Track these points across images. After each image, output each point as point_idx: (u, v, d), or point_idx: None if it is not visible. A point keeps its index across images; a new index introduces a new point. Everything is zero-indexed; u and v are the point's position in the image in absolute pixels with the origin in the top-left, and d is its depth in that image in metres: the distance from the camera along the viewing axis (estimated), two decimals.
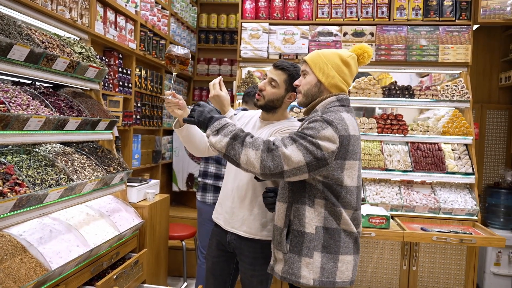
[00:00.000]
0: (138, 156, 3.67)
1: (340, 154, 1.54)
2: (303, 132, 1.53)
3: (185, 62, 1.84)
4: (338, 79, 1.67)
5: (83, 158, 2.35)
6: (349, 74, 1.70)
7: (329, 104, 1.66)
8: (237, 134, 1.56)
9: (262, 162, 1.49)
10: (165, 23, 4.07)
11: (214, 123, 1.60)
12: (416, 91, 3.68)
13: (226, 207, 2.06)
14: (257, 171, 1.52)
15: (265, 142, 1.54)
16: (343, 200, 1.59)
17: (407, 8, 3.79)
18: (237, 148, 1.53)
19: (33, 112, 1.89)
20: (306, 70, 1.73)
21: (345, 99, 1.69)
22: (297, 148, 1.50)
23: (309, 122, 1.57)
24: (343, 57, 1.68)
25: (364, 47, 1.74)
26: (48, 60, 2.10)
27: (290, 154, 1.49)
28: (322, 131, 1.51)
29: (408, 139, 3.64)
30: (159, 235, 3.01)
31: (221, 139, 1.56)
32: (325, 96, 1.69)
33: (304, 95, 1.73)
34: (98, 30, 2.82)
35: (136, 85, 3.60)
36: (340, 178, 1.57)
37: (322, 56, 1.69)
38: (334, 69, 1.67)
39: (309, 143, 1.50)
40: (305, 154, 1.49)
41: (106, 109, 2.66)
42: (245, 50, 3.92)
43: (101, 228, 2.31)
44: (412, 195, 3.47)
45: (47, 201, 1.90)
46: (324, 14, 3.90)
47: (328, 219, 1.58)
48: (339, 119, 1.56)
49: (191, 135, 1.95)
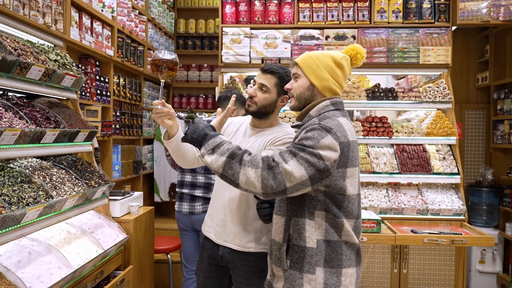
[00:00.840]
0: (119, 167, 3.51)
1: (341, 162, 1.47)
2: (302, 144, 1.45)
3: (173, 68, 1.71)
4: (332, 81, 1.60)
5: (62, 172, 2.20)
6: (343, 76, 1.64)
7: (323, 108, 1.59)
8: (234, 153, 1.46)
9: (263, 181, 1.40)
10: (142, 28, 3.94)
11: (209, 141, 1.49)
12: (399, 93, 3.69)
13: (217, 220, 1.96)
14: (258, 191, 1.42)
15: (264, 159, 1.44)
16: (346, 209, 1.52)
17: (387, 11, 3.81)
18: (235, 168, 1.43)
19: (7, 125, 1.74)
20: (297, 73, 1.65)
21: (340, 103, 1.63)
22: (297, 162, 1.41)
23: (307, 131, 1.48)
24: (336, 59, 1.61)
25: (357, 48, 1.68)
26: (21, 69, 1.95)
27: (291, 169, 1.40)
28: (322, 140, 1.43)
29: (394, 141, 3.64)
30: (144, 250, 2.87)
31: (217, 159, 1.46)
32: (319, 100, 1.61)
33: (297, 99, 1.65)
34: (73, 36, 2.67)
35: (114, 93, 3.45)
36: (343, 187, 1.49)
37: (314, 58, 1.61)
38: (327, 72, 1.60)
39: (310, 155, 1.42)
40: (307, 168, 1.41)
41: (84, 119, 2.51)
42: (227, 55, 3.83)
43: (84, 246, 2.16)
44: (400, 197, 3.46)
45: (25, 221, 1.74)
46: (305, 17, 3.87)
47: (329, 231, 1.50)
48: (337, 125, 1.49)
49: (181, 146, 1.84)
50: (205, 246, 2.04)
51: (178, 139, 1.78)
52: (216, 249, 1.96)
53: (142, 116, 4.13)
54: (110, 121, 3.30)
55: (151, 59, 1.71)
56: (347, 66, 1.65)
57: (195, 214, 2.86)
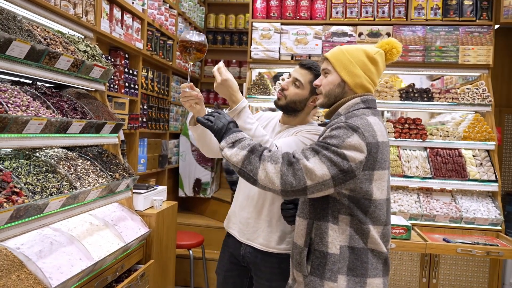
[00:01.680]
0: (144, 160, 3.51)
1: (368, 164, 1.36)
2: (326, 142, 1.36)
3: (201, 49, 1.63)
4: (364, 78, 1.49)
5: (87, 163, 2.19)
6: (376, 72, 1.52)
7: (353, 106, 1.49)
8: (255, 147, 1.39)
9: (282, 177, 1.33)
10: (172, 22, 3.93)
11: (231, 135, 1.44)
12: (435, 94, 3.51)
13: (240, 217, 1.90)
14: (276, 188, 1.35)
15: (284, 155, 1.37)
16: (372, 215, 1.41)
17: (426, 7, 3.63)
18: (254, 163, 1.36)
19: (33, 114, 1.73)
20: (327, 69, 1.55)
21: (371, 100, 1.52)
22: (320, 160, 1.33)
23: (332, 129, 1.39)
24: (370, 54, 1.50)
25: (393, 42, 1.56)
26: (50, 58, 1.95)
27: (312, 167, 1.32)
28: (347, 139, 1.34)
29: (427, 144, 3.47)
30: (166, 245, 2.85)
31: (237, 152, 1.40)
32: (349, 97, 1.51)
33: (326, 96, 1.55)
34: (103, 28, 2.67)
35: (142, 87, 3.45)
36: (369, 191, 1.39)
37: (345, 53, 1.51)
38: (360, 67, 1.49)
39: (333, 153, 1.33)
40: (330, 167, 1.32)
41: (111, 112, 2.51)
42: (256, 51, 3.76)
43: (106, 239, 2.15)
44: (432, 204, 3.29)
45: (47, 211, 1.74)
46: (338, 13, 3.74)
47: (354, 237, 1.41)
48: (365, 124, 1.39)
49: (207, 133, 1.79)
50: (227, 244, 1.98)
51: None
52: (238, 248, 1.90)
53: (169, 110, 4.13)
54: (137, 114, 3.30)
55: (179, 40, 1.64)
56: (382, 61, 1.53)
57: None
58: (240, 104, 1.62)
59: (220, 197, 4.43)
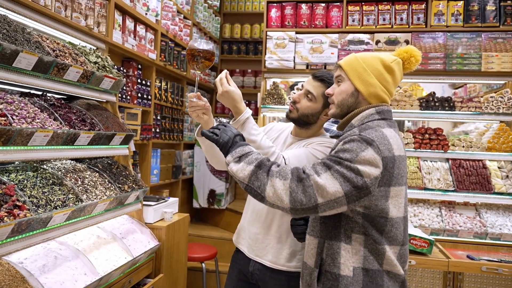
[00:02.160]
0: (157, 171, 3.48)
1: (384, 180, 1.27)
2: (338, 156, 1.27)
3: (210, 58, 1.58)
4: (380, 87, 1.40)
5: (95, 175, 2.16)
6: (393, 82, 1.43)
7: (367, 117, 1.39)
8: (262, 162, 1.31)
9: (291, 195, 1.23)
10: (187, 33, 3.92)
11: (237, 149, 1.35)
12: (457, 103, 3.36)
13: (250, 233, 1.83)
14: (285, 206, 1.25)
15: (293, 170, 1.28)
16: (388, 234, 1.31)
17: (446, 13, 3.51)
18: (262, 178, 1.28)
19: (39, 125, 1.71)
20: (341, 76, 1.46)
21: (387, 111, 1.42)
22: (332, 176, 1.23)
23: (345, 142, 1.30)
24: (386, 62, 1.41)
25: (411, 50, 1.47)
26: (59, 70, 1.94)
27: (324, 183, 1.23)
28: (361, 153, 1.24)
29: (449, 155, 3.31)
30: (177, 258, 2.79)
31: (243, 168, 1.31)
32: (363, 107, 1.42)
33: (338, 106, 1.46)
34: (115, 39, 2.67)
35: (156, 97, 3.44)
36: (385, 209, 1.29)
37: (360, 60, 1.42)
38: (375, 76, 1.40)
39: (346, 169, 1.23)
40: (343, 183, 1.22)
41: (122, 122, 2.48)
42: (270, 60, 3.71)
43: (113, 252, 2.10)
44: (454, 218, 3.13)
45: (51, 225, 1.71)
46: (354, 21, 3.66)
47: (368, 259, 1.30)
48: (380, 137, 1.29)
49: (214, 145, 1.73)
50: (236, 260, 1.91)
51: None
52: (247, 264, 1.82)
53: (184, 120, 4.10)
54: (150, 125, 3.28)
55: (187, 48, 1.59)
56: (399, 70, 1.44)
57: None
58: (243, 115, 1.57)
59: (235, 208, 4.36)
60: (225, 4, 5.18)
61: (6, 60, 1.64)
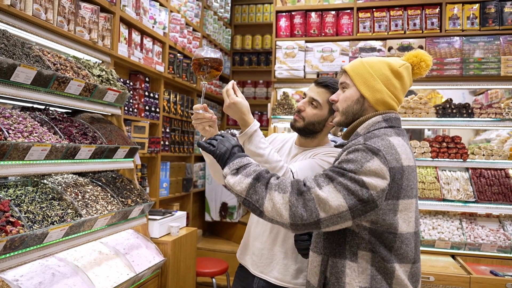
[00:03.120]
0: (167, 184, 3.44)
1: (392, 192, 1.17)
2: (342, 167, 1.17)
3: (218, 68, 1.50)
4: (387, 94, 1.31)
5: (98, 189, 2.13)
6: (401, 88, 1.34)
7: (373, 125, 1.30)
8: (261, 174, 1.22)
9: (291, 209, 1.14)
10: (196, 45, 3.91)
11: (235, 160, 1.28)
12: (476, 109, 3.21)
13: (254, 248, 1.75)
14: (285, 221, 1.16)
15: (293, 182, 1.19)
16: (397, 251, 1.21)
17: (461, 17, 3.38)
18: (260, 192, 1.20)
19: (36, 139, 1.69)
20: (345, 82, 1.37)
21: (395, 119, 1.32)
22: (334, 188, 1.14)
23: (349, 152, 1.21)
24: (394, 67, 1.32)
25: (421, 54, 1.37)
26: (59, 83, 1.93)
27: (326, 197, 1.13)
28: (366, 163, 1.15)
29: (469, 164, 3.15)
30: (184, 274, 2.71)
31: (241, 180, 1.23)
32: (369, 115, 1.33)
33: (343, 113, 1.38)
34: (121, 52, 2.66)
35: (164, 110, 3.42)
36: (393, 224, 1.19)
37: (366, 65, 1.34)
38: (382, 82, 1.32)
39: (350, 180, 1.14)
40: (347, 196, 1.13)
41: (127, 136, 2.46)
42: (280, 70, 3.65)
43: (115, 268, 2.05)
44: (476, 231, 2.96)
45: (48, 241, 1.67)
46: (365, 28, 3.57)
47: (376, 278, 1.20)
48: (387, 146, 1.19)
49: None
50: (239, 276, 1.83)
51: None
52: (250, 281, 1.74)
53: (194, 133, 4.07)
54: (158, 138, 3.25)
55: (193, 58, 1.53)
56: (407, 76, 1.35)
57: None
58: (250, 127, 1.49)
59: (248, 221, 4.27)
60: (236, 16, 5.18)
61: (4, 75, 1.63)
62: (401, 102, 1.37)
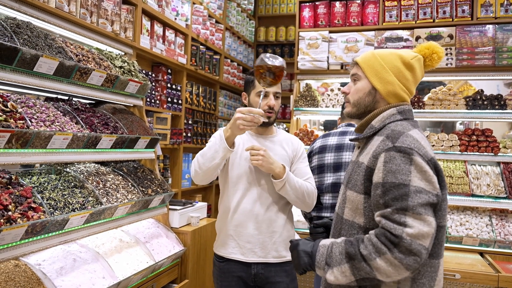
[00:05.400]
0: (189, 176, 3.47)
1: (439, 182, 1.18)
2: (394, 185, 1.12)
3: (279, 75, 1.53)
4: (399, 86, 1.29)
5: (119, 178, 2.17)
6: (413, 80, 1.32)
7: (388, 118, 1.28)
8: (348, 252, 1.16)
9: (403, 264, 1.08)
10: (219, 37, 3.91)
11: (317, 258, 1.21)
12: (509, 101, 3.06)
13: (245, 236, 1.80)
14: (408, 274, 1.11)
15: (379, 236, 1.11)
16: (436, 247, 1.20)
17: (494, 4, 3.21)
18: (364, 267, 1.13)
19: (57, 128, 1.73)
20: (357, 74, 1.36)
21: (408, 111, 1.30)
22: (414, 216, 1.09)
23: (386, 162, 1.15)
24: (406, 59, 1.30)
25: (433, 46, 1.34)
26: (82, 74, 1.96)
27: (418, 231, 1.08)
28: (411, 170, 1.14)
29: (500, 158, 3.01)
30: (204, 263, 2.74)
31: (340, 271, 1.16)
32: (383, 108, 1.30)
33: (354, 105, 1.36)
34: (143, 44, 2.69)
35: (187, 102, 3.44)
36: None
37: (378, 57, 1.32)
38: (394, 74, 1.30)
39: (415, 194, 1.11)
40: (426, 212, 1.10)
41: (148, 126, 2.49)
42: (303, 61, 3.60)
43: (135, 256, 2.09)
44: (507, 228, 2.83)
45: (69, 227, 1.71)
46: (392, 17, 3.46)
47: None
48: (414, 142, 1.17)
49: (222, 163, 1.72)
50: (231, 270, 1.85)
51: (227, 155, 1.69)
52: (247, 269, 1.82)
53: (217, 125, 4.08)
54: (180, 129, 3.28)
55: (256, 64, 1.55)
56: (419, 68, 1.33)
57: None
58: (284, 176, 1.71)
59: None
60: (260, 8, 5.13)
61: (27, 65, 1.67)
62: (413, 94, 1.35)
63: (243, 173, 1.81)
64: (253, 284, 1.82)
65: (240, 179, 1.81)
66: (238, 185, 1.81)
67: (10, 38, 1.61)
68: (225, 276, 1.85)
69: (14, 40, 1.62)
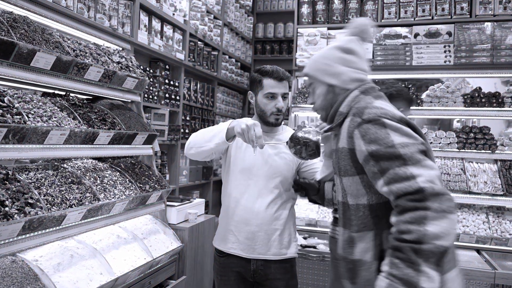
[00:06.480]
0: (186, 172, 3.47)
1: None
2: (388, 153, 1.14)
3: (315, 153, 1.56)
4: (350, 71, 1.36)
5: (116, 174, 2.16)
6: (359, 59, 1.38)
7: (353, 100, 1.33)
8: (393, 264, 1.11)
9: (445, 211, 1.06)
10: (217, 33, 3.90)
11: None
12: (507, 98, 3.07)
13: (246, 232, 1.80)
14: (456, 220, 1.11)
15: (410, 211, 1.09)
16: None
17: (493, 2, 3.22)
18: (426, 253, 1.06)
19: (54, 124, 1.72)
20: (312, 83, 1.43)
21: (371, 88, 1.35)
22: (415, 165, 1.12)
23: (364, 137, 1.20)
24: (343, 46, 1.38)
25: (359, 22, 1.40)
26: (79, 69, 1.95)
27: (426, 176, 1.09)
28: (392, 132, 1.17)
29: (498, 156, 3.03)
30: (201, 260, 2.74)
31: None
32: (346, 94, 1.35)
33: (322, 109, 1.41)
34: (141, 39, 2.67)
35: (184, 98, 3.43)
36: None
37: (320, 59, 1.40)
38: (340, 64, 1.36)
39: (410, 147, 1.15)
40: (423, 157, 1.15)
41: (146, 122, 2.47)
42: (301, 58, 3.59)
43: (132, 253, 2.08)
44: (504, 225, 2.84)
45: (67, 223, 1.70)
46: (391, 14, 3.46)
47: None
48: (378, 109, 1.23)
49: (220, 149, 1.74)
50: (230, 265, 1.86)
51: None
52: (246, 265, 1.82)
53: (215, 121, 4.07)
54: (178, 125, 3.27)
55: (291, 136, 1.58)
56: (359, 46, 1.39)
57: None
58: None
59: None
60: (258, 4, 5.12)
61: (24, 60, 1.66)
62: (367, 71, 1.41)
63: (245, 169, 1.80)
64: (252, 280, 1.82)
65: (242, 174, 1.81)
66: (239, 180, 1.81)
67: (6, 33, 1.60)
68: (225, 271, 1.85)
69: (11, 35, 1.61)
